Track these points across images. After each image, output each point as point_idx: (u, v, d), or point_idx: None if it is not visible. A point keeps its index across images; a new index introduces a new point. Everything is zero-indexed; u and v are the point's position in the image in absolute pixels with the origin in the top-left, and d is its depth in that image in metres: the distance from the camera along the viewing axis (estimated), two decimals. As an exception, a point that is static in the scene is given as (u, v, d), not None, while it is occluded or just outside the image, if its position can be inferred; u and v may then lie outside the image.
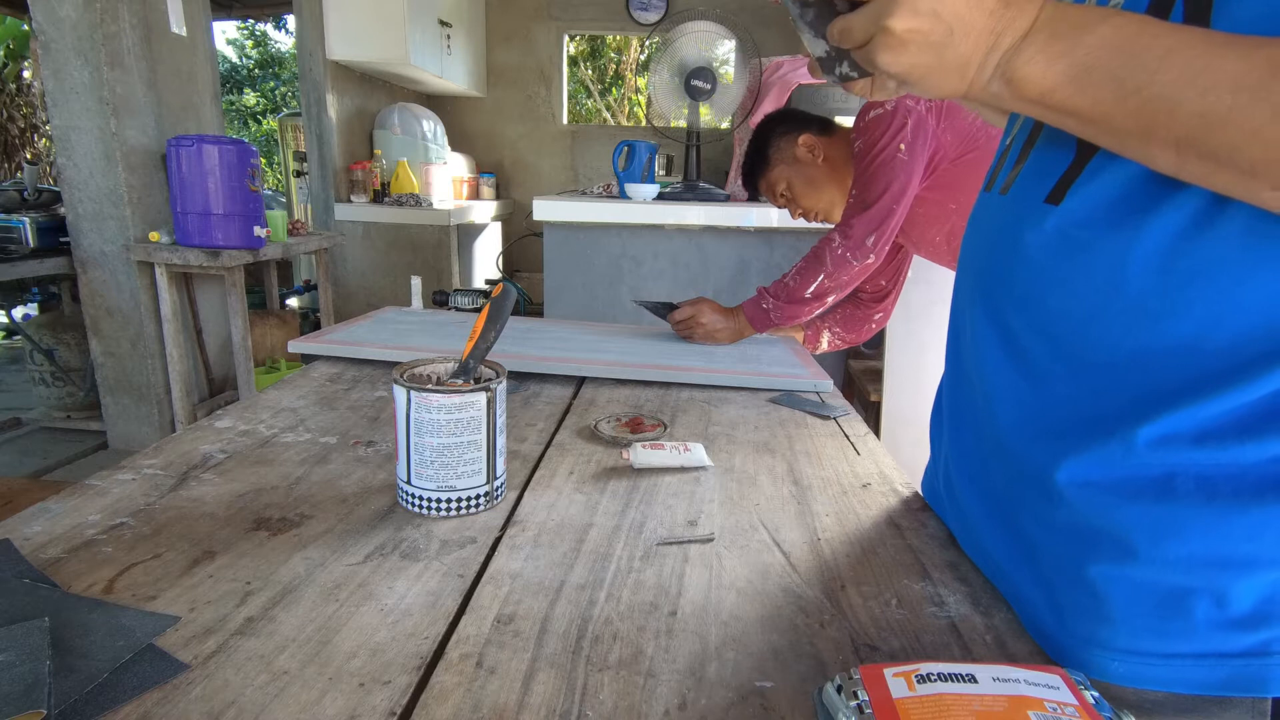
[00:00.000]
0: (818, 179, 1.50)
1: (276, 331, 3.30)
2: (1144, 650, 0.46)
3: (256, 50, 11.94)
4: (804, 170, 1.50)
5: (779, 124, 1.55)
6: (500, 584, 0.53)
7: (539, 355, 1.08)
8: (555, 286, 2.30)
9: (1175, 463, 0.44)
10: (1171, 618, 0.45)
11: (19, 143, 6.22)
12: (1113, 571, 0.46)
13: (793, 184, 1.52)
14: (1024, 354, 0.52)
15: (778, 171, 1.53)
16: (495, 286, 0.73)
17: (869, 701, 0.37)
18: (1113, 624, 0.47)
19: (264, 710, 0.39)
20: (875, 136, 1.34)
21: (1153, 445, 0.45)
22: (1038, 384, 0.51)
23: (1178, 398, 0.44)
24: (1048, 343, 0.50)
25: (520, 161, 4.84)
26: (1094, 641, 0.47)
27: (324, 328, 1.36)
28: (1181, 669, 0.45)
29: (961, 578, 0.57)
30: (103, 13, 2.39)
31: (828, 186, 1.50)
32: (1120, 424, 0.46)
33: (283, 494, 0.65)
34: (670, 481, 0.72)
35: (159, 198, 2.67)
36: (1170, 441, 0.44)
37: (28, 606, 0.46)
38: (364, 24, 3.51)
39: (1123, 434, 0.46)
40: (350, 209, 3.74)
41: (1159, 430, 0.44)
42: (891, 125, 1.31)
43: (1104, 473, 0.47)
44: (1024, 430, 0.52)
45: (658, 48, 2.31)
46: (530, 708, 0.41)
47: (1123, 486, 0.46)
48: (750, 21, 2.85)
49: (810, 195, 1.52)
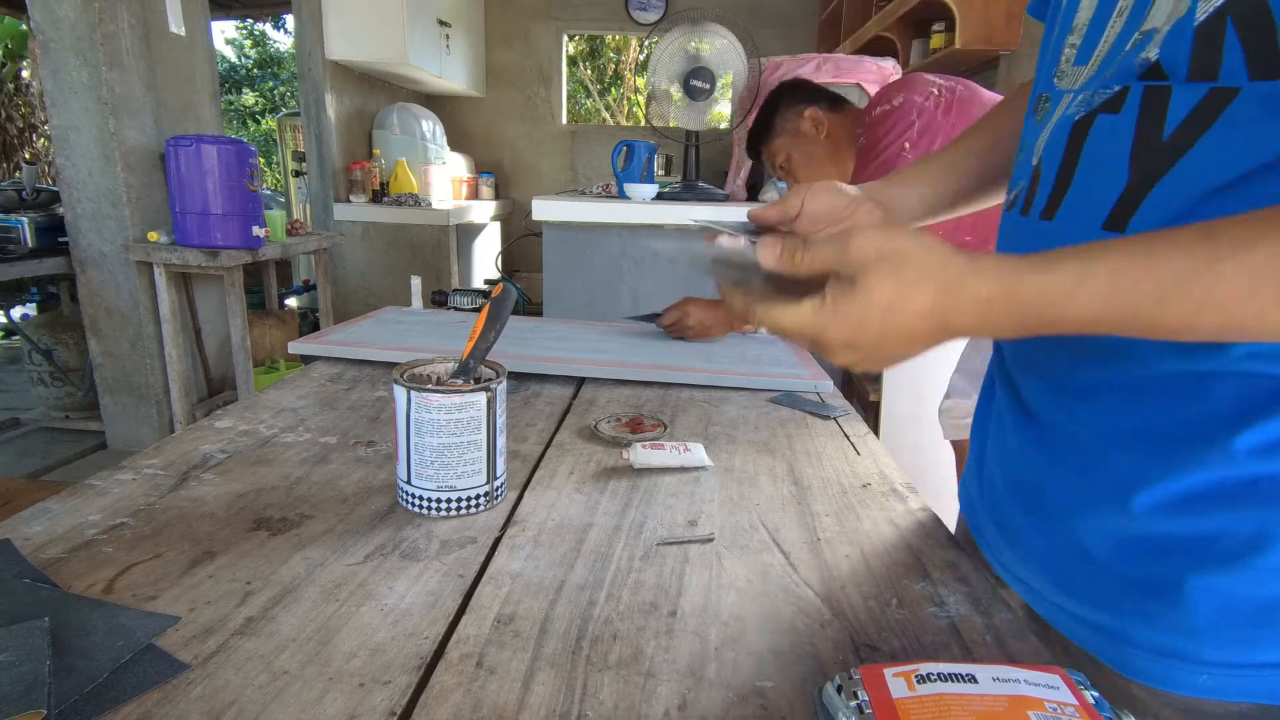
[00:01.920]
0: (818, 155, 1.48)
1: (275, 331, 3.30)
2: (1235, 661, 0.45)
3: (255, 50, 11.94)
4: (805, 144, 1.48)
5: (789, 93, 1.52)
6: (500, 584, 0.53)
7: (539, 355, 1.08)
8: (554, 286, 2.30)
9: (1275, 470, 0.43)
10: (1266, 625, 0.44)
11: (17, 142, 6.22)
12: (1204, 581, 0.45)
13: (792, 156, 1.50)
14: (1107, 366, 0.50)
15: (780, 141, 1.51)
16: (495, 286, 0.73)
17: (869, 701, 0.37)
18: (1199, 635, 0.45)
19: (264, 710, 0.39)
20: (880, 134, 1.33)
21: (1253, 453, 0.43)
22: (1130, 395, 0.48)
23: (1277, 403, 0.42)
24: (1134, 360, 0.47)
25: (519, 161, 4.84)
26: (1175, 654, 0.46)
27: (323, 328, 1.36)
28: (1274, 678, 0.44)
29: (961, 578, 0.57)
30: (101, 12, 2.39)
31: (826, 165, 1.48)
32: (1218, 431, 0.44)
33: (283, 494, 0.65)
34: (670, 481, 0.72)
35: (158, 198, 2.67)
36: (1271, 449, 0.43)
37: (28, 606, 0.46)
38: (363, 24, 3.51)
39: (1221, 441, 0.44)
40: (349, 209, 3.73)
41: (1259, 438, 0.43)
42: (899, 124, 1.30)
43: (1198, 481, 0.45)
44: (1105, 439, 0.49)
45: (657, 48, 2.31)
46: (530, 708, 0.41)
47: (1219, 494, 0.44)
48: (750, 21, 2.85)
49: (808, 170, 1.50)
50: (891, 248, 0.41)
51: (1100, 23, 0.47)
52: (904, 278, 0.40)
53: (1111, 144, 0.46)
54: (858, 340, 0.42)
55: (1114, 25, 0.46)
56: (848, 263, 0.41)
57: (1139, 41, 0.44)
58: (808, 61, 2.58)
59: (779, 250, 0.44)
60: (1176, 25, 0.41)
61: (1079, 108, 0.49)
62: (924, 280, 0.40)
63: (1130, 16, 0.45)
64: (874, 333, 0.42)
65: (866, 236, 0.41)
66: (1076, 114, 0.48)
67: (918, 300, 0.40)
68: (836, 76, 2.59)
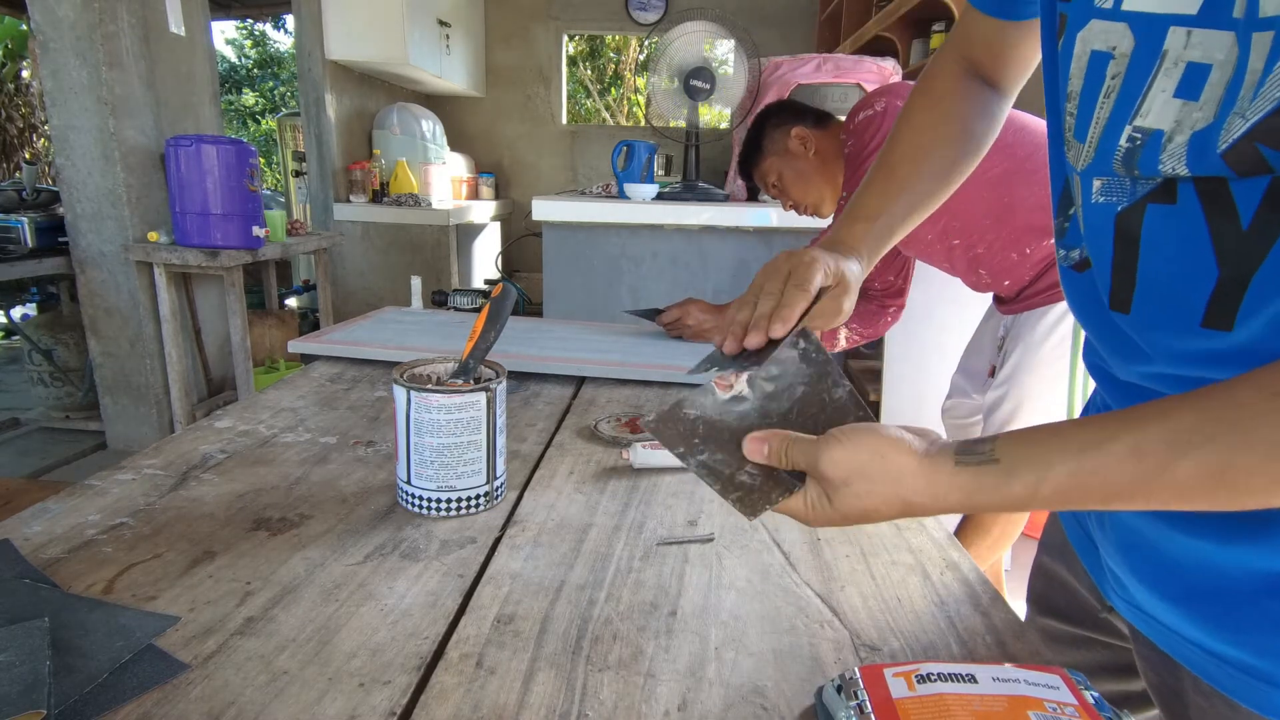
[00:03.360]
0: (808, 172, 1.50)
1: (275, 331, 3.30)
2: None
3: (255, 50, 11.94)
4: (795, 163, 1.51)
5: (774, 114, 1.56)
6: (500, 584, 0.53)
7: (539, 355, 1.08)
8: (554, 286, 2.30)
9: None
10: None
11: (17, 143, 6.22)
12: None
13: (783, 175, 1.53)
14: None
15: (770, 162, 1.54)
16: (495, 286, 0.73)
17: (869, 701, 0.37)
18: None
19: (264, 710, 0.39)
20: (865, 139, 1.35)
21: None
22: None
23: None
24: None
25: (519, 161, 4.84)
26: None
27: (323, 328, 1.36)
28: None
29: (961, 578, 0.57)
30: (101, 12, 2.39)
31: (817, 180, 1.50)
32: None
33: (283, 494, 0.65)
34: (670, 481, 0.72)
35: (158, 198, 2.67)
36: None
37: (28, 606, 0.46)
38: (363, 24, 3.51)
39: None
40: (349, 209, 3.73)
41: None
42: (882, 128, 1.32)
43: None
44: None
45: (657, 48, 2.31)
46: (530, 708, 0.41)
47: None
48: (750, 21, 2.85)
49: (800, 187, 1.53)
50: (858, 470, 0.44)
51: (1090, 97, 0.44)
52: (871, 500, 0.44)
53: (1179, 236, 0.42)
54: (836, 524, 0.47)
55: (1103, 106, 0.43)
56: (820, 479, 0.45)
57: (1144, 143, 0.40)
58: (808, 61, 2.57)
59: (766, 449, 0.48)
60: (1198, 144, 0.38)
61: (1115, 196, 0.44)
62: (889, 500, 0.44)
63: (1119, 102, 0.42)
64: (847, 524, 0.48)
65: (833, 459, 0.44)
66: (1119, 204, 0.44)
67: (885, 514, 0.45)
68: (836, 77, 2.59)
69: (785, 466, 0.47)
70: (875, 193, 0.68)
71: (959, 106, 0.69)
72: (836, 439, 0.45)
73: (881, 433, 0.44)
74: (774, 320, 0.53)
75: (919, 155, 0.68)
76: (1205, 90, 0.37)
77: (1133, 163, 0.42)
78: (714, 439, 0.48)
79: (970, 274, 1.43)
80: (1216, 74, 0.37)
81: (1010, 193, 1.28)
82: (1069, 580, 0.64)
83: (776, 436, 0.47)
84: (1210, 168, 0.38)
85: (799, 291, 0.55)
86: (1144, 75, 0.40)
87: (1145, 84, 0.40)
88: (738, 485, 0.48)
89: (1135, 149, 0.41)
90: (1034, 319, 1.35)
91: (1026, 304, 1.36)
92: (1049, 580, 0.68)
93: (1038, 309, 1.34)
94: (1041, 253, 1.31)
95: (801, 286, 0.55)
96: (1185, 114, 0.38)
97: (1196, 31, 0.37)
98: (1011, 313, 1.40)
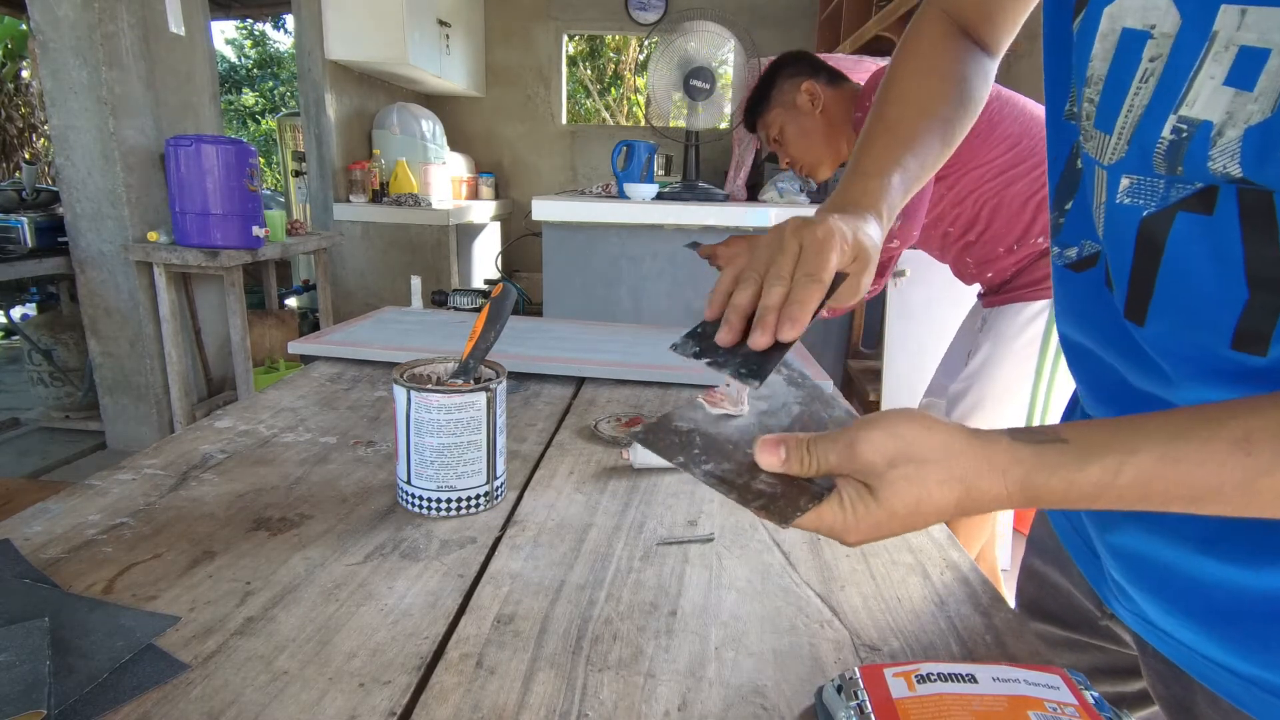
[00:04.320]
0: (811, 131, 1.47)
1: (275, 331, 3.30)
2: None
3: (255, 50, 11.94)
4: (800, 118, 1.48)
5: (789, 65, 1.52)
6: (500, 584, 0.53)
7: (539, 355, 1.08)
8: (554, 286, 2.30)
9: None
10: None
11: (17, 143, 6.22)
12: None
13: (785, 129, 1.50)
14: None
15: (775, 114, 1.52)
16: (495, 286, 0.73)
17: (869, 701, 0.37)
18: None
19: (264, 710, 0.39)
20: None
21: None
22: None
23: None
24: None
25: (519, 161, 4.84)
26: None
27: (323, 328, 1.36)
28: None
29: (961, 578, 0.57)
30: (101, 12, 2.39)
31: (819, 140, 1.48)
32: None
33: (283, 494, 0.65)
34: (670, 481, 0.72)
35: (157, 197, 2.67)
36: None
37: (28, 606, 0.46)
38: (363, 24, 3.51)
39: None
40: (349, 209, 3.73)
41: None
42: None
43: None
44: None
45: (656, 48, 2.31)
46: (530, 708, 0.41)
47: None
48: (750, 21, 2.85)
49: (801, 144, 1.50)
50: (903, 451, 0.38)
51: (1120, 82, 0.39)
52: (924, 484, 0.38)
53: (1209, 251, 0.38)
54: (874, 536, 0.40)
55: (1138, 92, 0.38)
56: (858, 470, 0.39)
57: (1191, 135, 0.36)
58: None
59: (782, 454, 0.41)
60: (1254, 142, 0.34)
61: (1143, 199, 0.40)
62: (944, 483, 0.38)
63: (1160, 89, 0.37)
64: (894, 529, 0.40)
65: (872, 442, 0.38)
66: (1146, 208, 0.40)
67: (940, 503, 0.38)
68: (836, 76, 2.59)
69: (807, 472, 0.41)
70: (879, 149, 0.60)
71: (955, 67, 0.64)
72: (871, 422, 0.39)
73: (918, 412, 0.39)
74: (783, 320, 0.45)
75: (918, 114, 0.62)
76: (1261, 79, 0.33)
77: (1177, 159, 0.37)
78: (715, 449, 0.43)
79: (959, 261, 1.43)
80: (1275, 61, 0.32)
81: (1009, 186, 1.29)
82: (1063, 585, 0.63)
83: (793, 438, 0.41)
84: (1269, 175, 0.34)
85: (812, 283, 0.46)
86: (1190, 59, 0.35)
87: (1192, 69, 0.35)
88: (756, 493, 0.41)
89: (1181, 142, 0.36)
90: (1011, 313, 1.35)
91: (1007, 297, 1.36)
92: (1041, 584, 0.66)
93: (1016, 303, 1.35)
94: (1028, 250, 1.31)
95: (815, 276, 0.46)
96: (1238, 105, 0.34)
97: (1252, 10, 0.32)
98: (991, 305, 1.41)
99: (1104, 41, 0.39)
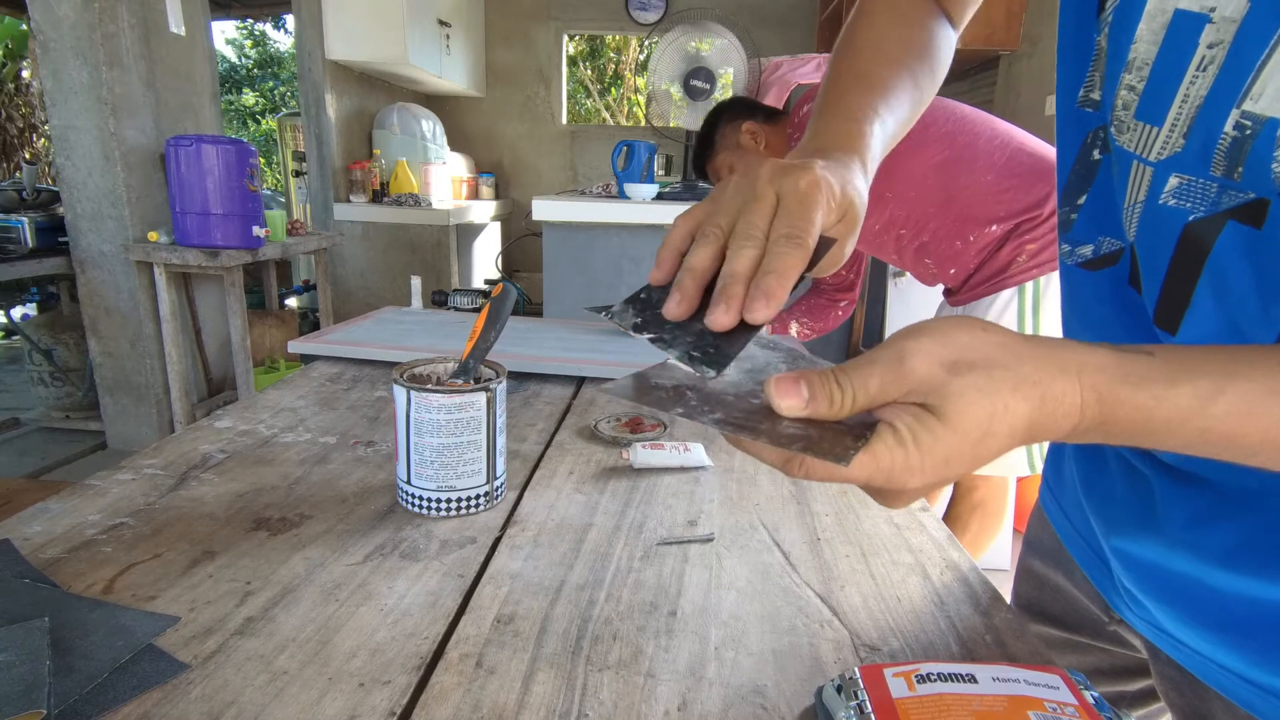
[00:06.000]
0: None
1: (275, 331, 3.30)
2: None
3: (255, 50, 11.94)
4: (746, 157, 1.54)
5: (727, 111, 1.59)
6: (500, 584, 0.53)
7: (539, 355, 1.08)
8: (555, 286, 2.30)
9: None
10: None
11: (17, 143, 6.22)
12: None
13: (735, 168, 1.56)
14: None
15: (722, 157, 1.58)
16: (495, 286, 0.73)
17: (869, 701, 0.37)
18: None
19: (264, 710, 0.39)
20: None
21: None
22: None
23: None
24: None
25: (519, 161, 4.84)
26: None
27: (323, 328, 1.36)
28: None
29: (961, 578, 0.57)
30: (101, 12, 2.39)
31: None
32: None
33: (283, 494, 0.65)
34: (670, 481, 0.72)
35: (158, 197, 2.67)
36: None
37: (28, 606, 0.46)
38: (363, 24, 3.52)
39: None
40: (349, 209, 3.74)
41: None
42: None
43: None
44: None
45: (657, 47, 2.31)
46: (530, 708, 0.41)
47: None
48: (750, 21, 2.85)
49: None
50: (964, 356, 0.31)
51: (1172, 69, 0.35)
52: (998, 393, 0.30)
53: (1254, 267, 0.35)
54: (942, 477, 0.32)
55: (1195, 82, 0.34)
56: (913, 391, 0.31)
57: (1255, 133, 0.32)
58: (808, 61, 2.57)
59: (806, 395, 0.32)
60: None
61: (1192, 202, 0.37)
62: (1018, 390, 0.30)
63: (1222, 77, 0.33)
64: (964, 464, 0.31)
65: (925, 352, 0.31)
66: (1193, 212, 0.37)
67: (1014, 418, 0.30)
68: (836, 76, 2.59)
69: (841, 412, 0.32)
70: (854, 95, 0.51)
71: (925, 21, 0.58)
72: (912, 332, 0.32)
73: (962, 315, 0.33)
74: (754, 294, 0.34)
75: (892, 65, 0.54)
76: None
77: (1238, 159, 0.33)
78: (713, 399, 0.35)
79: (917, 265, 1.45)
80: None
81: (952, 180, 1.31)
82: (1065, 587, 0.63)
83: (814, 372, 0.33)
84: None
85: (794, 247, 0.35)
86: (1258, 47, 0.31)
87: (1259, 58, 0.31)
88: (789, 437, 0.32)
89: (1245, 140, 0.33)
90: (979, 309, 1.37)
91: (972, 294, 1.38)
92: (1041, 586, 0.66)
93: (984, 298, 1.36)
94: (984, 240, 1.33)
95: (797, 237, 0.36)
96: None
97: None
98: (959, 304, 1.42)
99: (1151, 23, 0.35)
